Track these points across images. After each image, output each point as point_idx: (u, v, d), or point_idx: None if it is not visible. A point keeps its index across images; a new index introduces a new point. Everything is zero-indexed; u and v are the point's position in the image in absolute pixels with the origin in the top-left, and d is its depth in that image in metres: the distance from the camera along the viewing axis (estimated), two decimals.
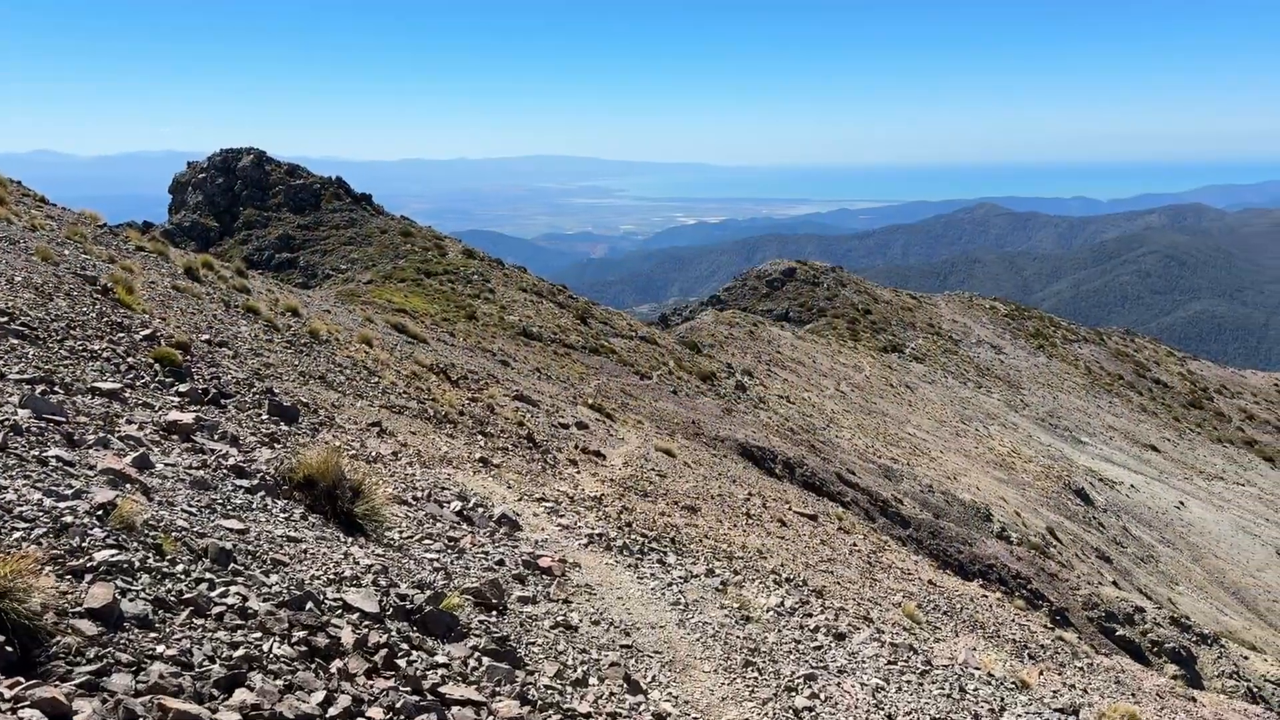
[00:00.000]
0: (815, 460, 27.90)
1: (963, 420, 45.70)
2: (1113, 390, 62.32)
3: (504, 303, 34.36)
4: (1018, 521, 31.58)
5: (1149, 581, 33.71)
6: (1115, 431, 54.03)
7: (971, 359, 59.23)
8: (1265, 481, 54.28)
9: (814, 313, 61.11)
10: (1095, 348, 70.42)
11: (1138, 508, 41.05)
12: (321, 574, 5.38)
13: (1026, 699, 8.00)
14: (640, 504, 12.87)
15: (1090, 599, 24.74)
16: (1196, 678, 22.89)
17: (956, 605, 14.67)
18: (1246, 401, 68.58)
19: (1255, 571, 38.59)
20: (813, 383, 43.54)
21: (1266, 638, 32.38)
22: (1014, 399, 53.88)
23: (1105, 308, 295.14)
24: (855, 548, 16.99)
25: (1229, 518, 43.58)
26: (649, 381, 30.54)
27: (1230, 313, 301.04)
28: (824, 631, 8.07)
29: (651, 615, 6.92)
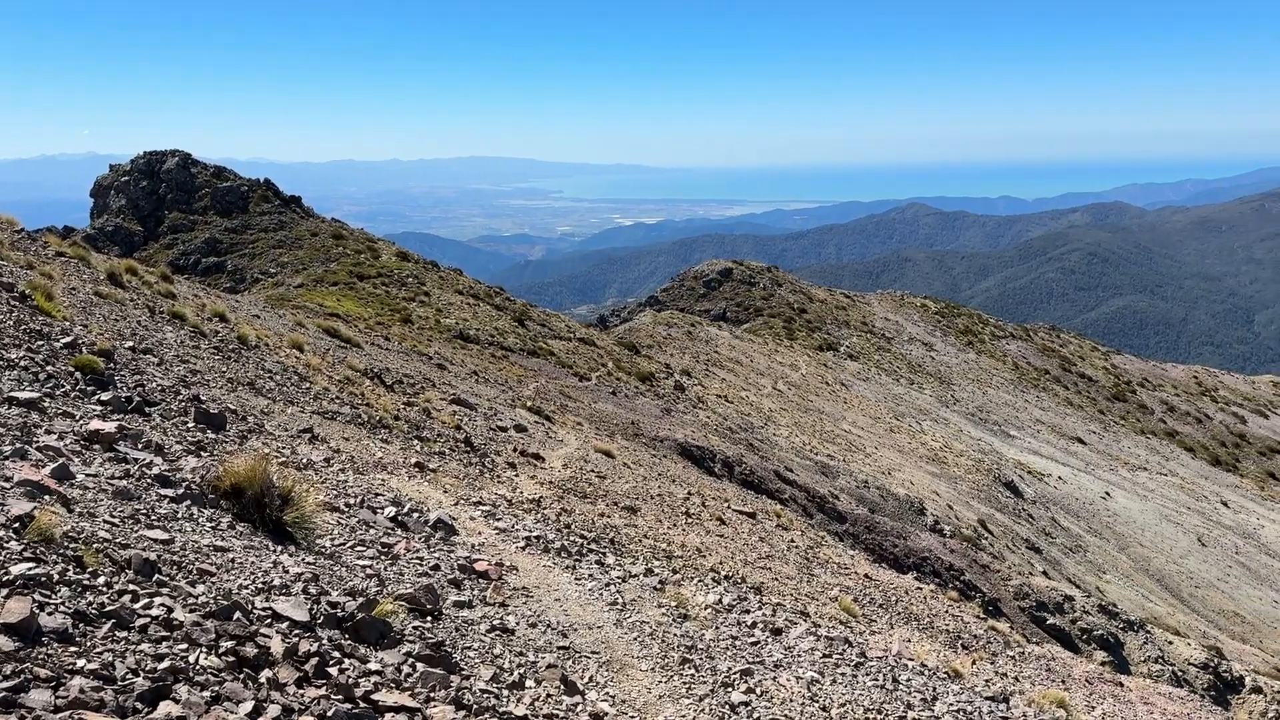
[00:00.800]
0: (754, 458, 28.14)
1: (896, 416, 46.49)
2: (1040, 385, 63.96)
3: (440, 305, 34.02)
4: (950, 515, 32.24)
5: (1077, 571, 34.67)
6: (1043, 425, 55.45)
7: (904, 356, 60.29)
8: (1186, 471, 56.20)
9: (751, 312, 61.64)
10: (1022, 344, 72.22)
11: (1065, 499, 42.17)
12: (250, 583, 5.28)
13: (958, 688, 8.17)
14: (579, 505, 12.85)
15: (1021, 589, 25.34)
16: (1124, 663, 23.60)
17: (892, 598, 14.92)
18: (1167, 394, 70.95)
19: (1178, 559, 39.91)
20: (750, 382, 43.90)
21: (1189, 623, 33.52)
22: (945, 395, 54.97)
23: (1032, 304, 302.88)
24: (793, 544, 17.17)
25: (1153, 507, 45.01)
26: (588, 383, 30.50)
27: (1151, 308, 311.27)
28: (761, 627, 8.15)
29: (589, 616, 6.92)
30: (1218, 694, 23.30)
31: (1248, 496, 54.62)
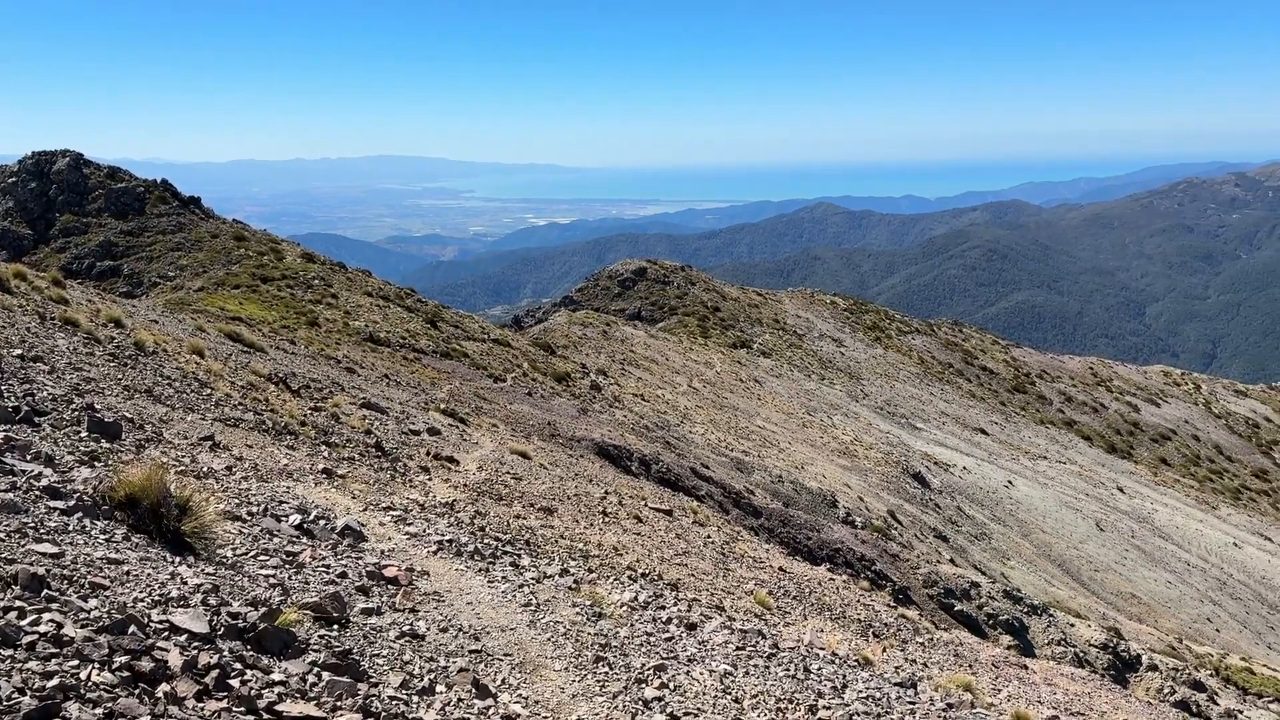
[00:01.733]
0: (670, 456, 28.30)
1: (808, 412, 47.30)
2: (944, 378, 65.84)
3: (348, 308, 33.33)
4: (861, 506, 32.94)
5: (983, 558, 35.78)
6: (947, 417, 57.09)
7: (815, 352, 61.39)
8: (1084, 459, 58.53)
9: (666, 311, 61.99)
10: (927, 338, 74.23)
11: (970, 488, 43.48)
12: (146, 596, 5.09)
13: (868, 675, 8.36)
14: (495, 508, 12.73)
15: (930, 577, 26.03)
16: (1029, 646, 24.42)
17: (805, 589, 15.17)
18: (1065, 384, 73.77)
19: (1078, 544, 41.50)
20: (666, 380, 44.14)
21: (1090, 605, 34.88)
22: (855, 389, 56.16)
23: (935, 300, 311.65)
24: (709, 540, 17.33)
25: (1053, 494, 46.74)
26: (503, 384, 30.26)
27: (1048, 302, 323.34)
28: (676, 623, 8.20)
29: (502, 618, 6.87)
30: (1117, 673, 24.30)
31: (1142, 482, 57.17)
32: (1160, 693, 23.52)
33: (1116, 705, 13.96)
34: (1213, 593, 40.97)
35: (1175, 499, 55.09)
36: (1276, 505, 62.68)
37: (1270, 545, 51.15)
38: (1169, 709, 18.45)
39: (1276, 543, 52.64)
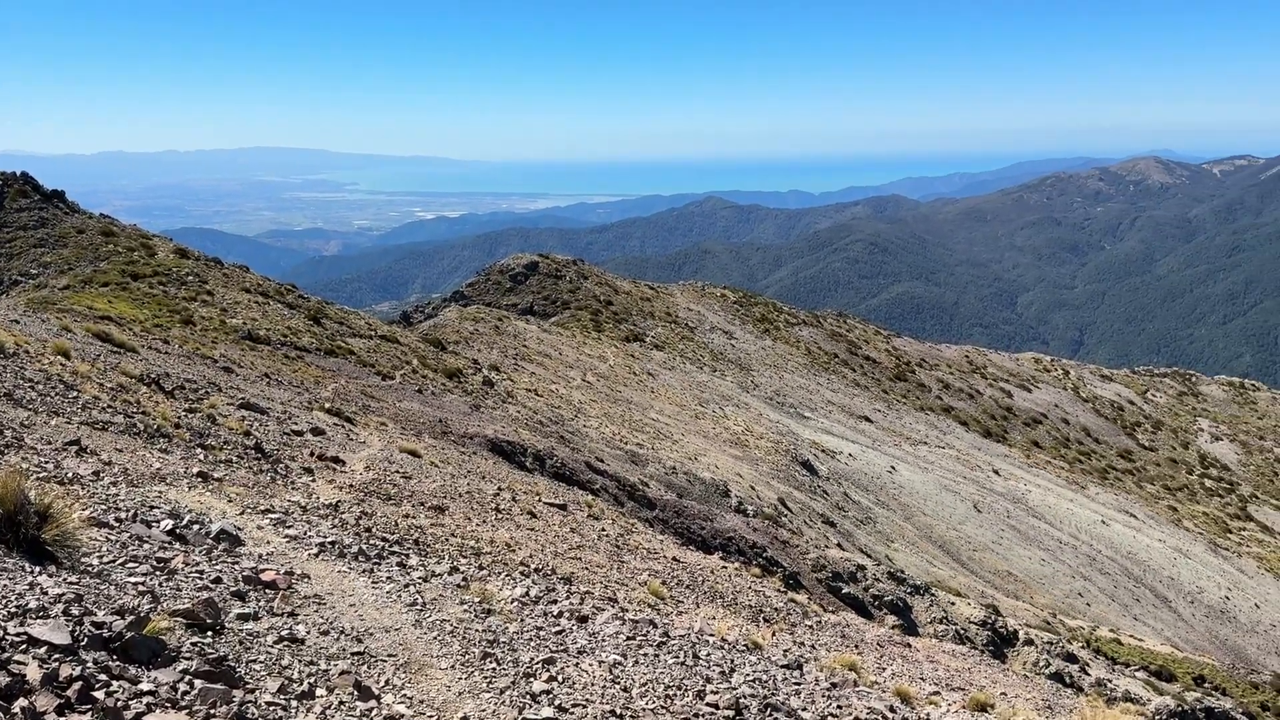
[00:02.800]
0: (565, 451, 28.22)
1: (701, 403, 47.86)
2: (830, 368, 67.56)
3: (225, 305, 32.09)
4: (753, 495, 33.52)
5: (869, 541, 36.89)
6: (834, 406, 58.62)
7: (707, 345, 62.16)
8: (961, 443, 60.92)
9: (558, 306, 61.77)
10: (813, 330, 76.03)
11: (856, 474, 44.75)
12: (1, 608, 4.79)
13: (756, 658, 8.51)
14: (382, 508, 12.46)
15: (818, 561, 26.68)
16: (913, 625, 25.27)
17: (699, 578, 15.36)
18: (943, 372, 76.60)
19: (957, 525, 43.18)
20: (560, 375, 44.00)
21: (969, 584, 36.33)
22: (745, 380, 57.09)
23: (821, 292, 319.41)
24: (604, 533, 17.36)
25: (933, 478, 48.49)
26: (392, 382, 29.63)
27: (926, 293, 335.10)
28: (568, 616, 8.18)
29: (386, 619, 6.74)
30: (995, 648, 25.36)
31: (1016, 464, 59.85)
32: (1036, 666, 24.67)
33: (995, 679, 14.57)
34: (1083, 569, 43.21)
35: (1047, 480, 57.88)
36: (1140, 484, 66.54)
37: (1135, 522, 54.27)
38: (1044, 681, 19.35)
39: (1141, 519, 55.89)
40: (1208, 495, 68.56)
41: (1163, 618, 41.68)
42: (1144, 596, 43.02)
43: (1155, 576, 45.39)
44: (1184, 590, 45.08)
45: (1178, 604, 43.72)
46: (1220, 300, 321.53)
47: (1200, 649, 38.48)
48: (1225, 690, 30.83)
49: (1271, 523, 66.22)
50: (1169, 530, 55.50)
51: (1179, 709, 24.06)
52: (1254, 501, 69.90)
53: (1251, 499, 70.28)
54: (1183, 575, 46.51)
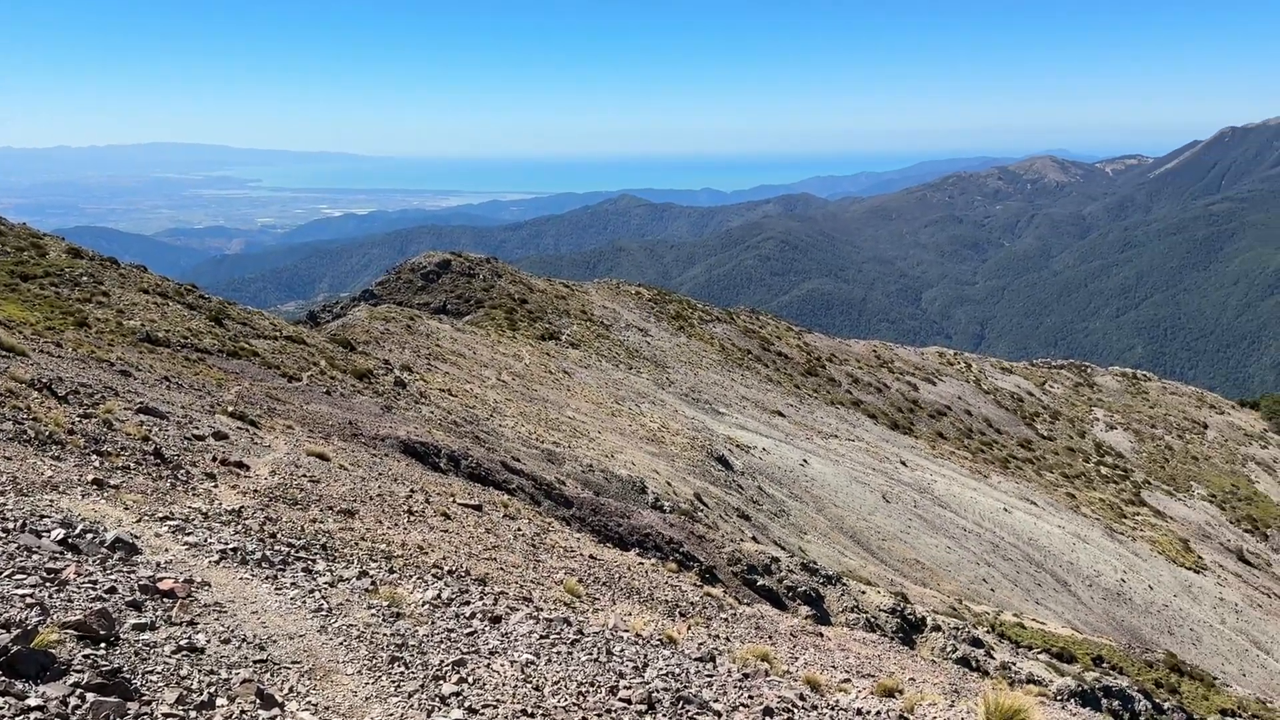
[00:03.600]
0: (480, 451, 27.94)
1: (617, 401, 47.92)
2: (743, 364, 68.38)
3: (121, 306, 30.85)
4: (670, 491, 33.71)
5: (782, 534, 37.45)
6: (748, 401, 59.35)
7: (622, 342, 62.27)
8: (870, 436, 62.31)
9: (472, 304, 61.11)
10: (727, 326, 76.85)
11: (770, 468, 45.38)
12: None
13: (670, 653, 8.55)
14: (288, 512, 12.13)
15: (734, 555, 26.98)
16: (825, 615, 25.75)
17: (615, 575, 15.37)
18: (852, 367, 78.24)
19: (867, 515, 44.15)
20: (474, 374, 43.54)
21: (879, 573, 37.18)
22: (661, 378, 57.39)
23: (734, 289, 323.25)
24: (520, 532, 17.23)
25: (844, 470, 49.49)
26: (299, 384, 28.89)
27: (836, 289, 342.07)
28: (480, 617, 8.09)
29: (291, 625, 6.56)
30: (905, 635, 26.01)
31: (922, 455, 61.50)
32: (943, 651, 25.40)
33: (904, 665, 14.95)
34: (987, 555, 44.63)
35: (952, 470, 59.63)
36: (1040, 472, 69.05)
37: (1035, 509, 56.29)
38: (951, 665, 19.92)
39: (1041, 506, 58.00)
40: (1103, 482, 71.55)
41: (1063, 601, 43.32)
42: (1045, 581, 44.64)
43: (1055, 561, 47.15)
44: (1082, 574, 46.94)
45: (1077, 588, 45.50)
46: (1113, 294, 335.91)
47: (1098, 630, 40.13)
48: (1122, 669, 32.21)
49: (1164, 507, 69.47)
50: (1067, 516, 57.73)
51: (1079, 689, 25.06)
52: (1147, 487, 73.24)
53: (1145, 485, 73.61)
54: (1081, 560, 48.43)
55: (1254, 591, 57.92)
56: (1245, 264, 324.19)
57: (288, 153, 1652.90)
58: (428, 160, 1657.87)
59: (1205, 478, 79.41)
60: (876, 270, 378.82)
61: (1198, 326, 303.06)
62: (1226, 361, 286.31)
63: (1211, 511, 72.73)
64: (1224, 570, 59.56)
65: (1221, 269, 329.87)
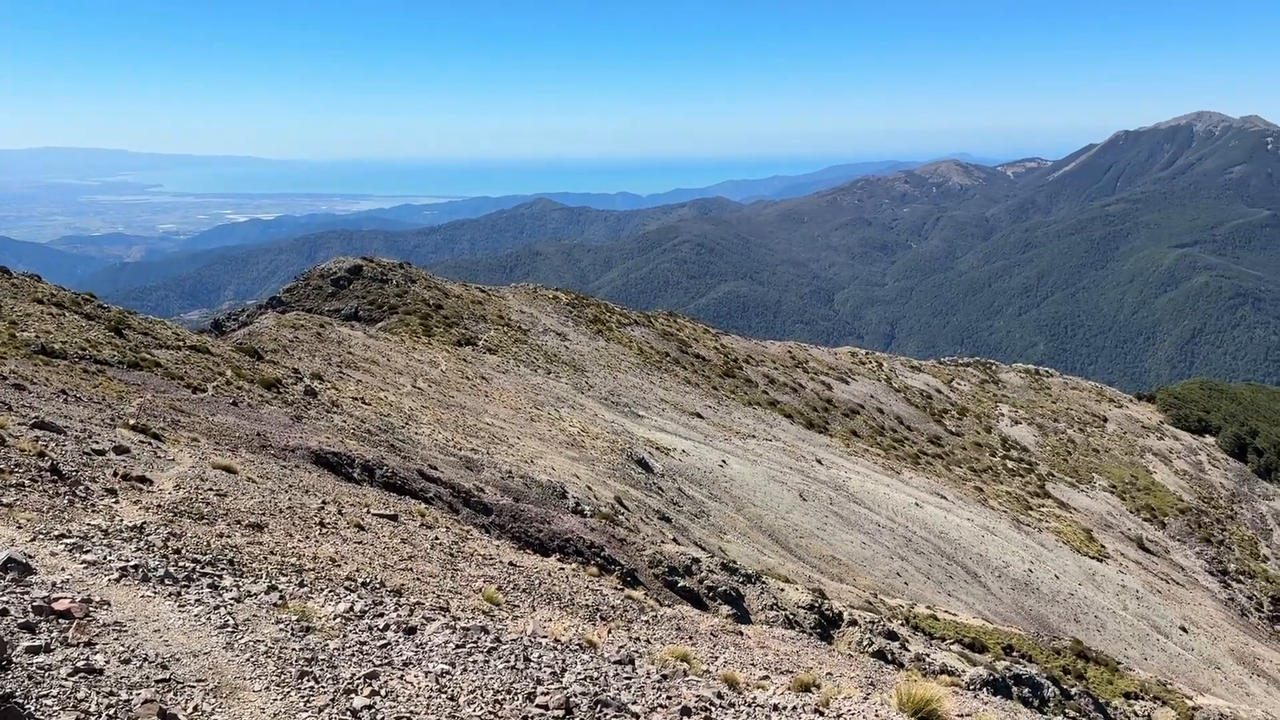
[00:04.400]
0: (395, 460, 27.47)
1: (536, 406, 47.67)
2: (662, 367, 68.75)
3: (14, 318, 29.51)
4: (590, 495, 33.67)
5: (703, 534, 37.74)
6: (666, 404, 59.67)
7: (540, 347, 61.99)
8: (787, 435, 63.24)
9: (385, 310, 60.09)
10: (645, 329, 77.17)
11: (689, 470, 45.69)
12: None
13: (589, 657, 8.54)
14: (193, 528, 11.75)
15: (655, 557, 27.08)
16: (745, 614, 26.02)
17: (535, 581, 15.27)
18: (768, 368, 79.33)
19: (785, 514, 44.76)
20: (389, 381, 42.81)
21: (797, 570, 37.73)
22: (580, 381, 57.30)
23: (652, 292, 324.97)
24: (437, 541, 17.00)
25: (762, 470, 50.11)
26: (204, 395, 28.01)
27: (751, 292, 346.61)
28: (395, 628, 7.96)
29: (195, 643, 6.35)
30: (822, 630, 26.46)
31: (837, 453, 62.66)
32: (860, 645, 25.90)
33: (821, 660, 15.20)
34: (901, 550, 45.69)
35: (865, 467, 60.90)
36: (949, 467, 71.01)
37: (946, 503, 57.85)
38: (868, 659, 20.32)
39: (951, 500, 59.64)
40: (1010, 475, 73.95)
41: (974, 592, 44.61)
42: (956, 573, 45.90)
43: (965, 554, 48.53)
44: (991, 566, 48.40)
45: (986, 579, 46.91)
46: (1016, 293, 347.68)
47: (1008, 620, 41.44)
48: (1031, 657, 33.32)
49: (1067, 499, 72.13)
50: (976, 510, 59.49)
51: (990, 678, 25.82)
52: (1051, 480, 75.95)
53: (1049, 477, 76.33)
54: (990, 552, 49.94)
55: (1153, 578, 60.55)
56: (1140, 263, 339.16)
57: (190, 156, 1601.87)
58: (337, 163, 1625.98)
59: (1106, 469, 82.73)
60: (790, 272, 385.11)
61: (1096, 323, 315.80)
62: (1124, 356, 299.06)
63: (1112, 502, 75.83)
64: (1125, 558, 62.12)
65: (1118, 268, 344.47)
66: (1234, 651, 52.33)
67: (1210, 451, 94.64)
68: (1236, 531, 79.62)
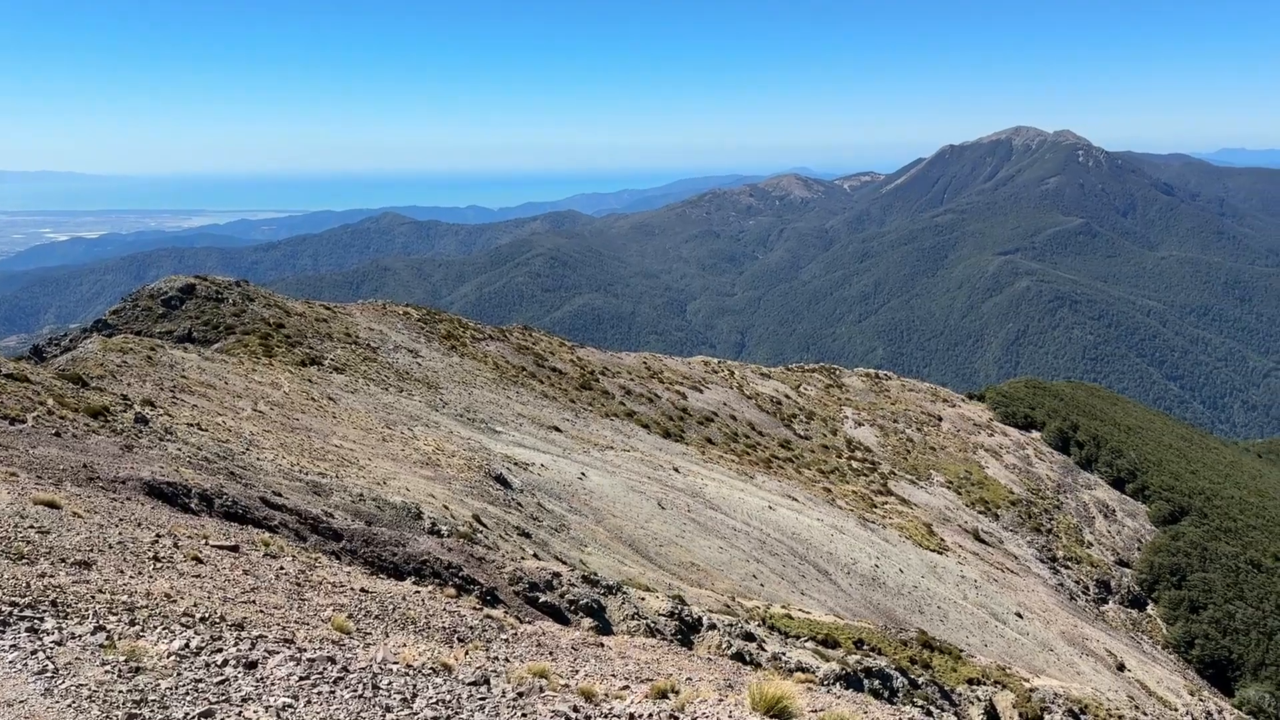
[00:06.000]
0: (236, 488, 26.20)
1: (388, 425, 46.46)
2: (518, 381, 68.26)
3: None
4: (447, 515, 33.04)
5: (563, 548, 37.61)
6: (524, 418, 59.26)
7: (391, 365, 60.48)
8: (645, 445, 63.86)
9: (222, 331, 57.31)
10: (500, 344, 76.48)
11: (548, 484, 45.50)
12: None
13: (442, 680, 8.37)
14: (12, 569, 10.87)
15: (515, 574, 26.78)
16: (607, 625, 26.06)
17: (389, 606, 14.85)
18: (624, 379, 79.96)
19: (644, 523, 45.15)
20: (227, 406, 40.83)
21: (657, 578, 38.09)
22: (434, 399, 56.22)
23: (506, 306, 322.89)
24: (283, 571, 16.30)
25: (621, 480, 50.41)
26: (23, 426, 25.99)
27: (606, 304, 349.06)
28: (234, 664, 7.58)
29: (9, 692, 5.86)
30: (683, 636, 26.78)
31: (693, 461, 63.71)
32: (719, 648, 26.36)
33: (681, 666, 15.39)
34: (756, 552, 46.82)
35: (721, 473, 62.17)
36: (799, 469, 73.30)
37: (797, 504, 59.66)
38: (727, 661, 20.71)
39: (802, 501, 61.54)
40: (855, 475, 76.98)
41: (826, 590, 46.14)
42: (809, 572, 47.38)
43: (817, 553, 50.16)
44: (841, 563, 50.20)
45: (837, 576, 48.60)
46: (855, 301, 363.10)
47: (858, 615, 43.04)
48: (880, 650, 34.70)
49: (908, 495, 75.63)
50: (826, 510, 61.62)
51: (843, 672, 26.76)
52: (893, 478, 79.49)
53: (891, 476, 79.86)
54: (839, 550, 51.80)
55: (989, 568, 64.18)
56: (967, 269, 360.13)
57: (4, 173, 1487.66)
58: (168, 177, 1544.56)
59: (942, 466, 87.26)
60: (644, 284, 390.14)
61: (929, 328, 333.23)
62: (955, 358, 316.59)
63: (949, 497, 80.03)
64: (963, 550, 65.62)
65: (947, 275, 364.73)
66: (1064, 633, 56.04)
67: (1036, 446, 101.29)
68: (1063, 520, 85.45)
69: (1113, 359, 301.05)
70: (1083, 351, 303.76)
